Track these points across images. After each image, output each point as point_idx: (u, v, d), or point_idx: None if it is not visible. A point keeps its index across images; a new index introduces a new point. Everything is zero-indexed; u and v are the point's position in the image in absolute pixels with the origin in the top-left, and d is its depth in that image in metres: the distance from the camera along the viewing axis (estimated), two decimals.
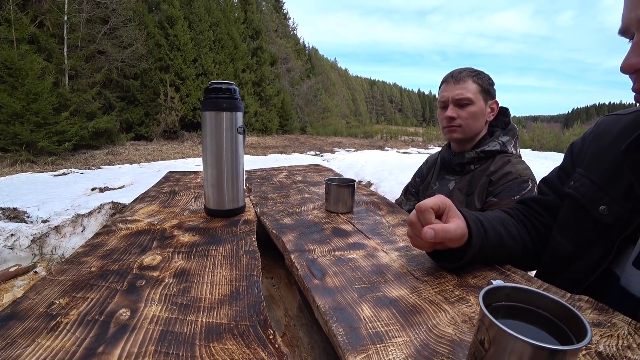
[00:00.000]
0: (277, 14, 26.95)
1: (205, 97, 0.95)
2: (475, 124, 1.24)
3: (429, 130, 26.27)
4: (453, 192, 1.26)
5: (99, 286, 0.60)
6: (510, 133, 1.27)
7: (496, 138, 1.25)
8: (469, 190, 1.21)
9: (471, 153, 1.24)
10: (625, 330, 0.49)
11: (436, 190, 1.32)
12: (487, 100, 1.25)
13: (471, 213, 0.71)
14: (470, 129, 1.24)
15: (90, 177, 6.69)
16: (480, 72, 1.26)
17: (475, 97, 1.21)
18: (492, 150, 1.22)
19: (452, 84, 1.24)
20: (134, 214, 1.03)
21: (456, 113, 1.23)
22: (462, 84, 1.22)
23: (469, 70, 1.25)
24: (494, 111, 1.28)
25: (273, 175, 1.66)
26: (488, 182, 1.17)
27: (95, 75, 11.89)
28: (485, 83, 1.24)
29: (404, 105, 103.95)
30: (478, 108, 1.22)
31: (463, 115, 1.22)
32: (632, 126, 0.67)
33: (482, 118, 1.25)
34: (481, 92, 1.22)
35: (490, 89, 1.25)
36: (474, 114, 1.22)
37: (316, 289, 0.61)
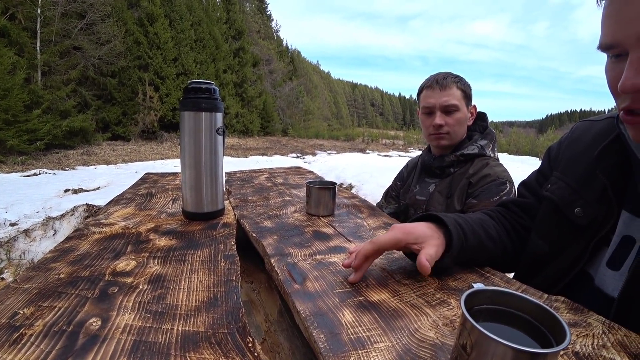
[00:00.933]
0: (260, 15, 26.81)
1: (184, 97, 0.93)
2: (461, 130, 1.26)
3: (410, 134, 26.68)
4: (433, 194, 1.27)
5: (67, 294, 0.57)
6: (488, 137, 1.29)
7: (475, 142, 1.27)
8: (449, 193, 1.23)
9: (451, 156, 1.25)
10: (600, 330, 0.51)
11: (416, 193, 1.34)
12: (468, 105, 1.27)
13: (451, 217, 0.71)
14: (456, 135, 1.26)
15: (64, 178, 6.44)
16: (461, 77, 1.28)
17: (460, 103, 1.23)
18: (471, 154, 1.24)
19: (437, 90, 1.24)
20: (108, 217, 0.99)
21: (444, 120, 1.23)
22: (448, 91, 1.22)
23: (452, 76, 1.25)
24: (473, 115, 1.31)
25: (253, 177, 1.64)
26: (467, 184, 1.19)
27: (70, 72, 11.48)
28: (467, 88, 1.26)
29: (385, 108, 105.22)
30: (463, 114, 1.24)
31: (450, 122, 1.23)
32: (604, 132, 0.69)
33: (465, 123, 1.27)
34: (464, 98, 1.24)
35: (470, 93, 1.28)
36: (460, 120, 1.24)
37: (296, 294, 0.60)
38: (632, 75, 0.47)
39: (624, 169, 0.63)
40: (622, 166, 0.63)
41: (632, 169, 0.62)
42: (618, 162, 0.64)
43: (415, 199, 1.32)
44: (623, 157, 0.63)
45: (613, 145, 0.65)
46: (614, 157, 0.65)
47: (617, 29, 0.48)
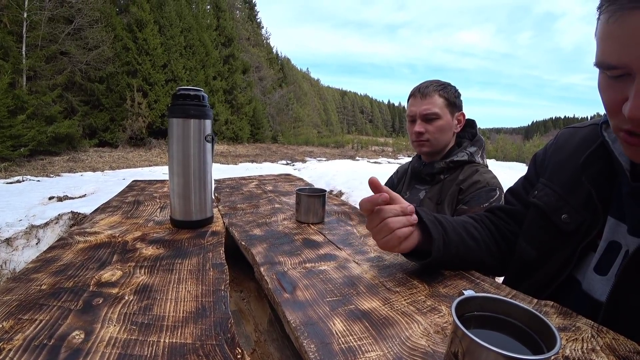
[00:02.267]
0: (250, 23, 26.91)
1: (172, 104, 0.92)
2: (443, 137, 1.28)
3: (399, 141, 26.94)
4: (424, 201, 1.29)
5: (49, 306, 0.55)
6: (477, 144, 1.31)
7: (464, 149, 1.29)
8: (439, 199, 1.24)
9: (441, 163, 1.27)
10: (589, 334, 0.51)
11: (407, 199, 1.34)
12: (454, 113, 1.29)
13: (429, 214, 0.73)
14: (438, 142, 1.28)
15: (48, 185, 6.31)
16: (446, 85, 1.30)
17: (442, 111, 1.26)
18: (461, 161, 1.26)
19: (419, 98, 1.28)
20: (94, 225, 0.97)
21: (424, 128, 1.27)
22: (429, 99, 1.26)
23: (435, 85, 1.28)
24: (460, 123, 1.32)
25: (243, 184, 1.63)
26: (458, 190, 1.21)
27: (56, 77, 11.32)
28: (451, 96, 1.28)
29: (374, 116, 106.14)
30: (445, 122, 1.26)
31: (431, 129, 1.26)
32: (588, 138, 0.71)
33: (450, 131, 1.29)
34: (447, 106, 1.27)
35: (457, 101, 1.29)
36: (441, 128, 1.26)
37: (286, 303, 0.59)
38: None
39: (609, 175, 0.64)
40: (607, 173, 0.65)
41: (617, 176, 0.63)
42: (603, 169, 0.65)
43: None
44: (608, 164, 0.65)
45: (598, 153, 0.67)
46: (598, 164, 0.66)
47: (624, 51, 0.46)
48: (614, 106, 0.51)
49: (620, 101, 0.49)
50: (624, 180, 0.60)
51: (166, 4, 15.80)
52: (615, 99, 0.50)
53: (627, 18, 0.44)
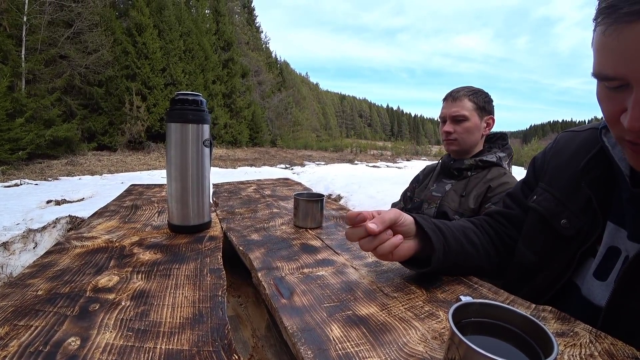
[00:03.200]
0: (249, 27, 27.02)
1: (170, 108, 0.92)
2: (470, 137, 1.37)
3: (397, 145, 26.98)
4: (449, 192, 1.37)
5: (45, 312, 0.55)
6: (506, 151, 1.40)
7: (494, 152, 1.39)
8: (464, 192, 1.32)
9: (470, 160, 1.37)
10: (587, 339, 0.51)
11: (433, 191, 1.44)
12: (483, 116, 1.38)
13: (430, 221, 0.72)
14: (465, 142, 1.38)
15: (46, 188, 6.29)
16: (478, 91, 1.39)
17: (470, 114, 1.35)
18: (489, 161, 1.35)
19: (450, 102, 1.40)
20: (91, 230, 0.96)
21: (452, 128, 1.38)
22: (459, 102, 1.37)
23: (467, 90, 1.39)
24: (489, 126, 1.41)
25: (241, 189, 1.63)
26: (487, 188, 1.27)
27: (55, 81, 11.31)
28: (480, 101, 1.37)
29: (373, 120, 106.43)
30: (472, 123, 1.36)
31: (458, 130, 1.37)
32: (587, 143, 0.71)
33: (477, 132, 1.38)
34: (476, 110, 1.36)
35: (487, 106, 1.38)
36: (469, 129, 1.36)
37: (284, 308, 0.59)
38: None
39: (608, 180, 0.64)
40: (607, 178, 0.64)
41: (616, 181, 0.63)
42: (602, 174, 0.65)
43: (431, 195, 1.43)
44: (607, 169, 0.65)
45: (597, 158, 0.66)
46: (598, 169, 0.66)
47: (621, 64, 0.45)
48: (613, 117, 0.51)
49: (619, 112, 0.49)
50: (624, 186, 0.60)
51: (166, 8, 15.86)
52: (614, 110, 0.50)
53: (623, 31, 0.43)
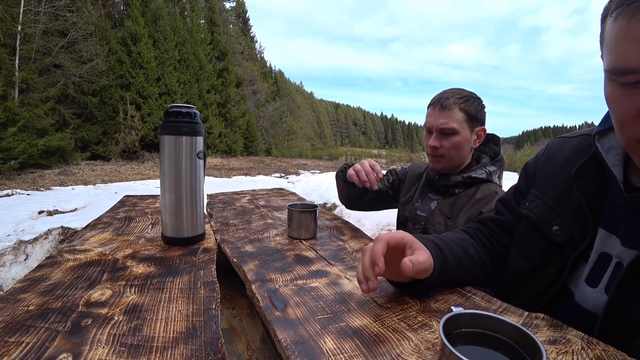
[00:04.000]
0: (244, 37, 27.23)
1: (164, 121, 0.93)
2: (459, 153, 1.20)
3: (392, 152, 27.13)
4: (434, 212, 1.24)
5: (37, 327, 0.55)
6: (497, 164, 1.24)
7: (484, 166, 1.23)
8: (450, 213, 1.19)
9: (457, 177, 1.21)
10: (579, 346, 0.51)
11: (418, 208, 1.30)
12: (474, 128, 1.20)
13: (430, 239, 0.72)
14: (452, 159, 1.21)
15: (38, 198, 6.22)
16: (469, 97, 1.19)
17: (461, 127, 1.16)
18: (479, 178, 1.20)
19: (437, 110, 1.18)
20: (84, 242, 0.96)
21: (439, 142, 1.19)
22: (448, 112, 1.16)
23: (457, 97, 1.18)
24: (480, 138, 1.24)
25: (235, 199, 1.63)
26: (479, 213, 1.14)
27: (49, 90, 11.28)
28: (472, 110, 1.17)
29: (367, 128, 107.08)
30: (462, 138, 1.17)
31: (446, 145, 1.18)
32: (580, 149, 0.71)
33: (467, 146, 1.21)
34: (467, 121, 1.17)
35: (478, 115, 1.19)
36: (458, 144, 1.18)
37: (277, 321, 0.59)
38: None
39: (600, 187, 0.65)
40: (598, 184, 0.65)
41: (608, 187, 0.64)
42: (594, 180, 0.66)
43: (416, 213, 1.28)
44: (599, 175, 0.65)
45: (590, 164, 0.67)
46: (590, 175, 0.66)
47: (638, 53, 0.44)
48: (629, 116, 0.48)
49: (637, 110, 0.47)
50: (618, 192, 0.61)
51: (161, 18, 15.95)
52: (631, 108, 0.48)
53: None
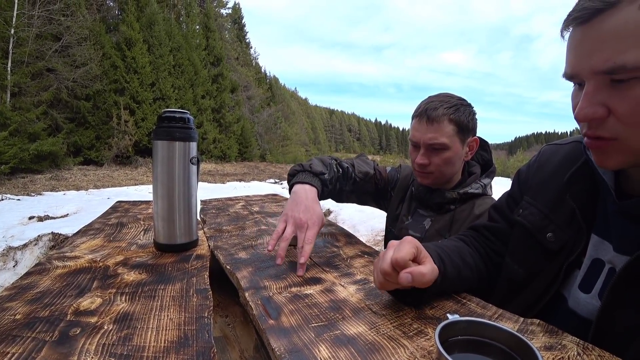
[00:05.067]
0: (239, 43, 27.33)
1: (157, 126, 0.92)
2: (451, 169, 1.11)
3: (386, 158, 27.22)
4: (429, 232, 1.14)
5: (23, 337, 0.53)
6: (491, 175, 1.17)
7: (479, 180, 1.15)
8: (448, 234, 1.10)
9: (453, 193, 1.12)
10: (574, 352, 0.51)
11: (409, 226, 1.20)
12: (466, 139, 1.10)
13: (432, 248, 0.72)
14: (443, 175, 1.11)
15: (29, 204, 6.14)
16: (459, 105, 1.08)
17: (451, 141, 1.06)
18: (475, 193, 1.12)
19: (425, 123, 1.06)
20: (74, 249, 0.94)
21: (428, 159, 1.08)
22: (437, 126, 1.05)
23: (446, 106, 1.05)
24: (472, 149, 1.14)
25: (229, 205, 1.61)
26: None
27: (41, 94, 11.20)
28: (463, 120, 1.06)
29: (362, 134, 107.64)
30: (453, 153, 1.07)
31: (436, 161, 1.07)
32: (571, 156, 0.72)
33: (459, 161, 1.11)
34: (458, 133, 1.06)
35: (470, 124, 1.09)
36: (449, 160, 1.08)
37: (271, 329, 0.58)
38: (584, 105, 0.51)
39: (592, 193, 0.66)
40: (590, 191, 0.66)
41: (600, 194, 0.65)
42: (587, 187, 0.66)
43: (408, 234, 1.17)
44: (591, 182, 0.66)
45: (581, 171, 0.68)
46: (582, 182, 0.67)
47: (576, 62, 0.52)
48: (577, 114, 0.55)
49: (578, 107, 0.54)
50: (609, 199, 0.62)
51: (156, 23, 15.96)
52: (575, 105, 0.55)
53: (576, 32, 0.52)
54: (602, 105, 0.50)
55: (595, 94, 0.51)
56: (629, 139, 0.50)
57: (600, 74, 0.49)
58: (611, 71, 0.48)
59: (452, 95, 1.12)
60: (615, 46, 0.47)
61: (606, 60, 0.48)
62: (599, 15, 0.48)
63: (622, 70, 0.47)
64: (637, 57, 0.45)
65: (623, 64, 0.46)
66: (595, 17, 0.48)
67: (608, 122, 0.51)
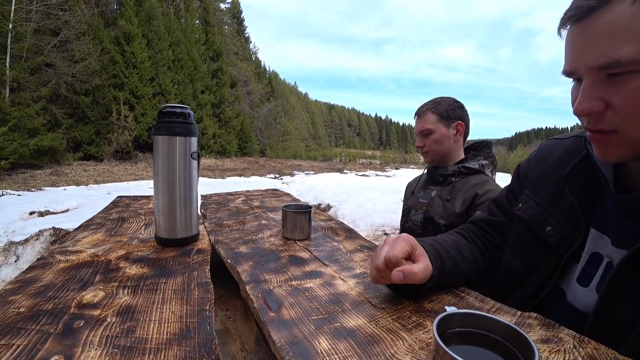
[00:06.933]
0: (238, 38, 27.17)
1: (158, 121, 0.92)
2: (441, 147, 1.47)
3: (386, 154, 27.24)
4: (434, 198, 1.46)
5: (27, 330, 0.54)
6: (489, 159, 1.48)
7: (477, 160, 1.46)
8: (449, 197, 1.40)
9: (454, 167, 1.46)
10: (571, 344, 0.52)
11: (420, 198, 1.53)
12: (450, 124, 1.46)
13: (429, 243, 0.73)
14: (436, 152, 1.48)
15: (29, 199, 6.15)
16: (441, 101, 1.47)
17: (435, 126, 1.45)
18: (472, 168, 1.43)
19: (417, 119, 1.52)
20: (76, 243, 0.95)
21: (422, 142, 1.50)
22: (423, 118, 1.48)
23: (429, 104, 1.49)
24: (459, 131, 1.48)
25: (230, 200, 1.62)
26: (474, 195, 1.34)
27: (40, 89, 11.15)
28: (443, 111, 1.45)
29: (361, 129, 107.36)
30: (439, 134, 1.46)
31: (428, 142, 1.48)
32: (571, 150, 0.73)
33: (447, 140, 1.47)
34: (440, 120, 1.45)
35: (451, 113, 1.45)
36: (437, 140, 1.46)
37: (272, 322, 0.59)
38: (583, 100, 0.52)
39: (592, 188, 0.66)
40: (590, 185, 0.66)
41: (599, 188, 0.65)
42: (586, 181, 0.67)
43: (418, 201, 1.52)
44: (591, 176, 0.66)
45: (581, 165, 0.68)
46: (582, 177, 0.68)
47: (573, 58, 0.54)
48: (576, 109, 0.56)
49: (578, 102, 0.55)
50: (608, 193, 0.62)
51: (155, 18, 15.86)
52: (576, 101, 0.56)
53: (573, 30, 0.53)
54: (600, 100, 0.51)
55: (592, 89, 0.52)
56: (628, 130, 0.51)
57: (596, 69, 0.50)
58: (606, 66, 0.49)
59: (441, 97, 1.51)
60: (609, 42, 0.48)
61: (601, 55, 0.49)
62: (593, 12, 0.49)
63: (617, 65, 0.48)
64: (631, 52, 0.46)
65: (617, 59, 0.47)
66: (590, 14, 0.50)
67: (607, 116, 0.52)
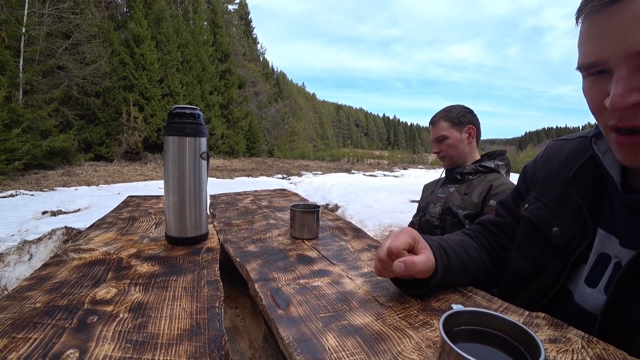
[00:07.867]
0: (246, 39, 27.30)
1: (168, 122, 0.94)
2: (456, 150, 1.59)
3: (394, 154, 27.12)
4: (452, 193, 1.55)
5: (44, 324, 0.56)
6: (504, 160, 1.58)
7: (493, 160, 1.56)
8: (467, 191, 1.50)
9: (472, 165, 1.57)
10: (579, 345, 0.52)
11: (438, 193, 1.63)
12: (462, 129, 1.57)
13: (434, 240, 0.73)
14: (452, 155, 1.60)
15: (42, 199, 6.26)
16: (450, 109, 1.60)
17: (449, 132, 1.57)
18: (488, 167, 1.53)
19: (431, 127, 1.65)
20: (89, 242, 0.97)
21: (439, 148, 1.62)
22: (437, 126, 1.61)
23: (441, 112, 1.62)
24: (472, 134, 1.59)
25: (238, 200, 1.64)
26: (489, 186, 1.43)
27: (52, 91, 11.35)
28: (454, 117, 1.57)
29: (369, 129, 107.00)
30: (453, 139, 1.58)
31: (443, 147, 1.60)
32: (578, 151, 0.72)
33: (462, 144, 1.58)
34: (452, 126, 1.57)
35: (462, 119, 1.57)
36: (451, 145, 1.58)
37: (280, 319, 0.60)
38: (621, 92, 0.47)
39: (599, 188, 0.65)
40: (597, 186, 0.66)
41: (606, 189, 0.65)
42: (593, 182, 0.66)
43: (437, 196, 1.62)
44: (597, 177, 0.66)
45: (588, 165, 0.67)
46: (588, 177, 0.67)
47: (602, 47, 0.48)
48: (598, 104, 0.52)
49: (603, 97, 0.50)
50: (615, 194, 0.61)
51: (164, 20, 16.03)
52: (598, 96, 0.51)
53: (600, 16, 0.48)
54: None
55: (631, 79, 0.46)
56: None
57: (637, 55, 0.45)
58: None
59: (453, 105, 1.63)
60: None
61: None
62: None
63: None
64: None
65: None
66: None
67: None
